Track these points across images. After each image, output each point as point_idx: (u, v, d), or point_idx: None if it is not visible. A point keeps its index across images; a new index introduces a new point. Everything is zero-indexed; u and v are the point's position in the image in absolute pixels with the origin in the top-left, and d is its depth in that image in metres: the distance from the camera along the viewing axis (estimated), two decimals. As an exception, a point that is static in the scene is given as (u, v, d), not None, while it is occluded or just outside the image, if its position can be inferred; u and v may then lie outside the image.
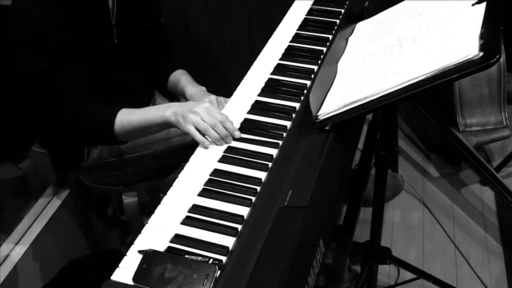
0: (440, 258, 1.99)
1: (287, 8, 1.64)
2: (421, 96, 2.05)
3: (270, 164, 1.10)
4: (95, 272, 1.82)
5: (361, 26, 1.42)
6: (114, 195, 2.02)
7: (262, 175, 1.07)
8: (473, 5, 1.12)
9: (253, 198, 1.02)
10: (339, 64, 1.29)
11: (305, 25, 1.55)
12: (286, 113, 1.23)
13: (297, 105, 1.25)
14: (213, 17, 2.29)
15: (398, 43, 1.18)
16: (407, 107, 2.50)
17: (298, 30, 1.53)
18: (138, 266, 0.88)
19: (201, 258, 0.89)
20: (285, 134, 1.17)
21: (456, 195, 2.24)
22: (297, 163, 1.08)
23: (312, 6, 1.64)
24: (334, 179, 1.11)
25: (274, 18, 1.61)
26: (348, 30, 1.43)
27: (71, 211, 1.91)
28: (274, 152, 1.12)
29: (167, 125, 1.28)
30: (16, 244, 1.74)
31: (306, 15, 1.59)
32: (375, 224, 1.54)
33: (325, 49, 1.44)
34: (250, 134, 1.18)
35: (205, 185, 1.07)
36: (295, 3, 1.66)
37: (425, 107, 2.14)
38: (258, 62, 1.43)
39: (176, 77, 1.65)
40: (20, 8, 1.33)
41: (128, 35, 1.50)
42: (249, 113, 1.25)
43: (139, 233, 0.96)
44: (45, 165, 1.85)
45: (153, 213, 1.01)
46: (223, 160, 1.13)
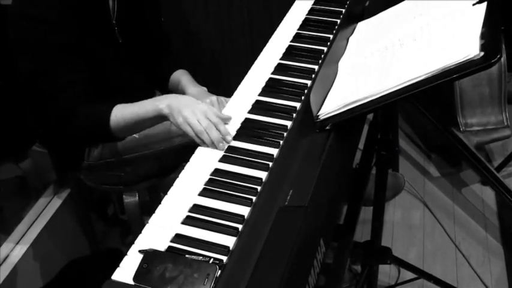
0: (440, 258, 1.99)
1: (287, 8, 1.64)
2: (422, 96, 2.05)
3: (271, 164, 1.10)
4: (96, 272, 1.82)
5: (362, 26, 1.42)
6: (115, 195, 2.02)
7: (263, 175, 1.07)
8: (473, 4, 1.12)
9: (254, 198, 1.02)
10: (340, 64, 1.29)
11: (306, 25, 1.55)
12: (287, 112, 1.23)
13: (297, 105, 1.25)
14: (214, 16, 2.29)
15: (399, 43, 1.18)
16: (407, 107, 2.50)
17: (299, 30, 1.53)
18: (139, 265, 0.88)
19: (201, 258, 0.89)
20: (285, 134, 1.17)
21: (457, 195, 2.24)
22: (297, 163, 1.08)
23: (313, 5, 1.63)
24: (335, 179, 1.11)
25: (274, 18, 1.61)
26: (349, 30, 1.43)
27: (72, 211, 1.91)
28: (274, 152, 1.12)
29: (161, 117, 1.28)
30: (16, 244, 1.74)
31: (307, 15, 1.59)
32: (375, 224, 1.54)
33: (325, 49, 1.44)
34: (251, 134, 1.18)
35: (205, 184, 1.07)
36: (296, 3, 1.66)
37: (425, 107, 2.14)
38: (258, 61, 1.43)
39: (177, 77, 1.65)
40: (20, 8, 1.33)
41: (129, 34, 1.50)
42: (250, 112, 1.25)
43: (139, 232, 0.96)
44: (46, 165, 1.85)
45: (153, 212, 1.01)
46: (223, 160, 1.12)
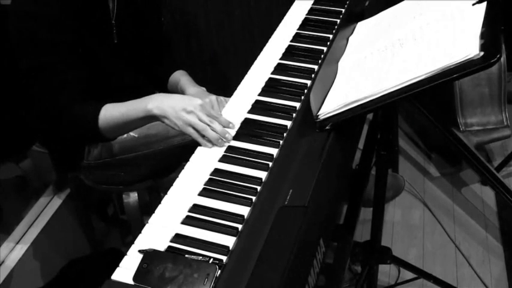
0: (440, 257, 1.99)
1: (287, 8, 1.64)
2: (422, 95, 2.05)
3: (271, 164, 1.10)
4: (95, 272, 1.82)
5: (362, 26, 1.42)
6: (115, 195, 2.02)
7: (263, 175, 1.07)
8: (473, 4, 1.12)
9: (254, 198, 1.02)
10: (340, 64, 1.29)
11: (305, 25, 1.55)
12: (286, 112, 1.23)
13: (297, 104, 1.25)
14: (214, 16, 2.29)
15: (399, 43, 1.18)
16: (407, 107, 2.50)
17: (298, 30, 1.53)
18: (139, 265, 0.88)
19: (201, 257, 0.89)
20: (285, 134, 1.17)
21: (457, 195, 2.24)
22: (297, 163, 1.08)
23: (313, 5, 1.64)
24: (335, 179, 1.11)
25: (274, 18, 1.61)
26: (349, 29, 1.43)
27: (71, 211, 1.91)
28: (274, 152, 1.12)
29: (150, 118, 1.26)
30: (16, 244, 1.74)
31: (307, 15, 1.60)
32: (375, 224, 1.53)
33: (325, 49, 1.44)
34: (251, 134, 1.18)
35: (205, 184, 1.07)
36: (296, 3, 1.66)
37: (425, 107, 2.14)
38: (258, 61, 1.43)
39: (176, 77, 1.65)
40: (20, 6, 1.33)
41: (128, 35, 1.50)
42: (250, 112, 1.25)
43: (139, 232, 0.96)
44: (46, 164, 1.85)
45: (153, 212, 1.01)
46: (223, 160, 1.12)
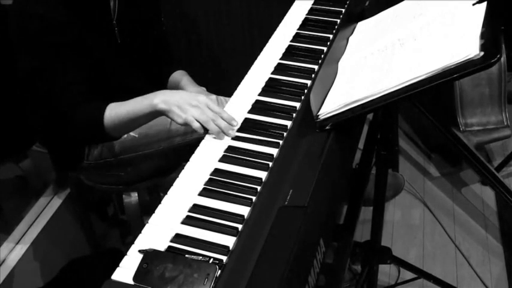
0: (440, 257, 1.99)
1: (287, 8, 1.64)
2: (422, 95, 2.05)
3: (271, 164, 1.10)
4: (95, 272, 1.81)
5: (362, 26, 1.42)
6: (115, 195, 2.02)
7: (263, 175, 1.07)
8: (473, 4, 1.12)
9: (254, 198, 1.02)
10: (340, 64, 1.29)
11: (306, 24, 1.55)
12: (286, 112, 1.23)
13: (297, 104, 1.25)
14: (214, 16, 2.29)
15: (399, 43, 1.18)
16: (407, 107, 2.50)
17: (298, 30, 1.53)
18: (139, 265, 0.88)
19: (201, 257, 0.89)
20: (285, 134, 1.17)
21: (457, 195, 2.24)
22: (297, 163, 1.08)
23: (313, 5, 1.64)
24: (335, 179, 1.11)
25: (274, 18, 1.61)
26: (349, 29, 1.43)
27: (71, 211, 1.91)
28: (274, 152, 1.12)
29: (156, 113, 1.27)
30: (16, 244, 1.73)
31: (307, 15, 1.59)
32: (375, 224, 1.53)
33: (325, 49, 1.44)
34: (251, 134, 1.18)
35: (205, 184, 1.07)
36: (296, 3, 1.66)
37: (425, 107, 2.14)
38: (258, 61, 1.43)
39: (176, 77, 1.65)
40: (22, 7, 1.33)
41: (130, 34, 1.50)
42: (250, 112, 1.25)
43: (139, 232, 0.96)
44: (46, 164, 1.85)
45: (153, 212, 1.01)
46: (223, 160, 1.12)
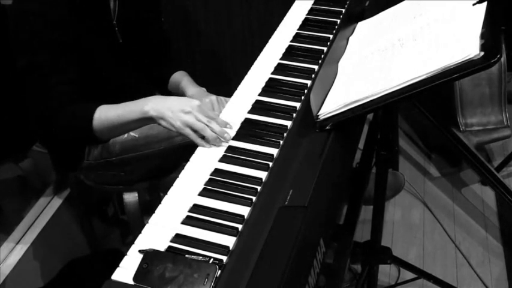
0: (440, 258, 1.99)
1: (287, 8, 1.64)
2: (422, 95, 2.05)
3: (271, 164, 1.10)
4: (95, 272, 1.81)
5: (362, 26, 1.42)
6: (115, 195, 2.02)
7: (263, 175, 1.07)
8: (474, 4, 1.12)
9: (254, 198, 1.02)
10: (340, 64, 1.29)
11: (306, 25, 1.55)
12: (286, 112, 1.23)
13: (297, 104, 1.25)
14: (214, 16, 2.29)
15: (399, 43, 1.18)
16: (408, 107, 2.50)
17: (298, 30, 1.53)
18: (139, 265, 0.88)
19: (201, 257, 0.89)
20: (285, 134, 1.17)
21: (457, 195, 2.24)
22: (297, 163, 1.08)
23: (313, 5, 1.64)
24: (335, 179, 1.11)
25: (274, 18, 1.61)
26: (349, 29, 1.43)
27: (72, 211, 1.91)
28: (274, 152, 1.12)
29: (146, 120, 1.25)
30: (16, 244, 1.73)
31: (307, 15, 1.60)
32: (375, 224, 1.53)
33: (325, 49, 1.44)
34: (251, 134, 1.18)
35: (205, 184, 1.07)
36: (296, 3, 1.66)
37: (425, 107, 2.14)
38: (258, 61, 1.43)
39: (177, 78, 1.65)
40: (22, 5, 1.33)
41: (130, 35, 1.50)
42: (250, 112, 1.25)
43: (139, 232, 0.96)
44: (46, 164, 1.85)
45: (153, 212, 1.01)
46: (223, 160, 1.12)
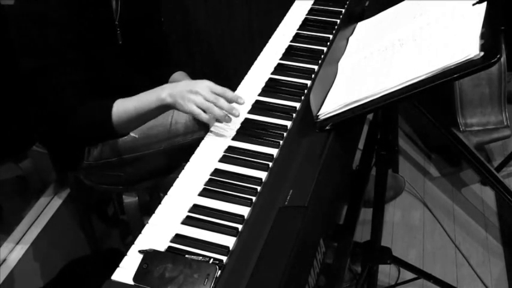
0: (440, 258, 1.99)
1: (287, 8, 1.64)
2: (422, 96, 2.05)
3: (271, 164, 1.10)
4: (95, 272, 1.82)
5: (362, 26, 1.42)
6: (115, 195, 2.02)
7: (263, 175, 1.07)
8: (473, 4, 1.12)
9: (254, 198, 1.02)
10: (340, 64, 1.29)
11: (305, 25, 1.55)
12: (286, 112, 1.23)
13: (297, 105, 1.25)
14: (214, 17, 2.29)
15: (399, 43, 1.18)
16: (407, 107, 2.50)
17: (298, 30, 1.53)
18: (139, 265, 0.88)
19: (201, 258, 0.89)
20: (285, 134, 1.17)
21: (457, 195, 2.24)
22: (297, 163, 1.08)
23: (313, 6, 1.64)
24: (335, 179, 1.11)
25: (274, 18, 1.61)
26: (349, 30, 1.43)
27: (71, 211, 1.91)
28: (274, 152, 1.12)
29: (164, 107, 1.27)
30: (16, 244, 1.73)
31: (307, 15, 1.60)
32: (375, 224, 1.54)
33: (325, 49, 1.45)
34: (251, 134, 1.18)
35: (205, 184, 1.07)
36: (296, 3, 1.66)
37: (425, 107, 2.14)
38: (258, 61, 1.43)
39: (176, 78, 1.65)
40: (24, 6, 1.32)
41: (132, 35, 1.50)
42: (250, 112, 1.25)
43: (139, 232, 0.96)
44: (46, 164, 1.85)
45: (153, 213, 1.01)
46: (223, 160, 1.12)
